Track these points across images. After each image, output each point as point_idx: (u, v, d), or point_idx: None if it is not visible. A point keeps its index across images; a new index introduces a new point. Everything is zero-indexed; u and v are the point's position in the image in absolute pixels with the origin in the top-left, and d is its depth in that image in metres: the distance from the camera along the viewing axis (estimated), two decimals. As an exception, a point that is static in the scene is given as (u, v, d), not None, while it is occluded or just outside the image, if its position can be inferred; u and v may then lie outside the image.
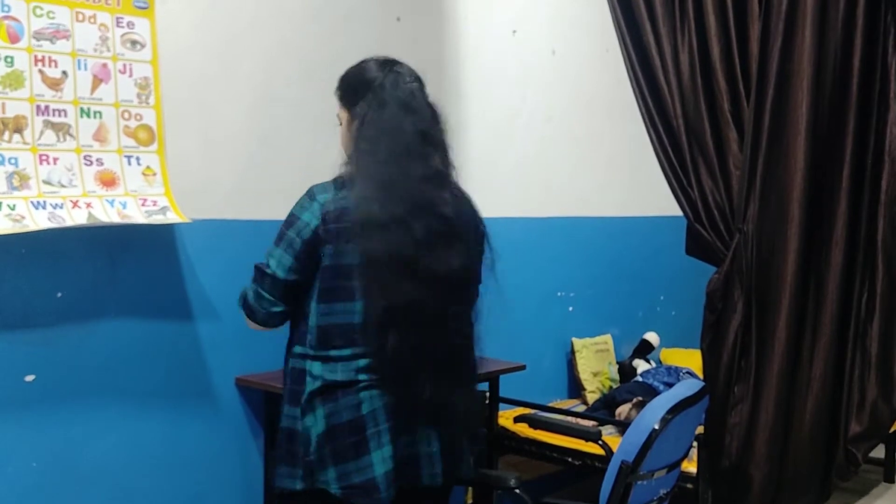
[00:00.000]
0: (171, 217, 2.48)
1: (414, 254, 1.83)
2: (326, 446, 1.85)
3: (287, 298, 1.95)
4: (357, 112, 1.96)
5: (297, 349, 1.94)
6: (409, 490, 1.91)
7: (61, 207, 2.30)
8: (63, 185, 2.33)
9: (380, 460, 1.83)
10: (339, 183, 1.94)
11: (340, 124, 2.06)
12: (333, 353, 1.87)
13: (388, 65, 2.01)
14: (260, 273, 1.96)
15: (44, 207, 2.28)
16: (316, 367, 1.89)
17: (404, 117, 1.91)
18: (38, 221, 2.24)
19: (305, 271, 1.91)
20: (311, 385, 1.88)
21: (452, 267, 1.87)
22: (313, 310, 1.90)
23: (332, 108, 3.03)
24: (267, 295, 1.94)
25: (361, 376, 1.86)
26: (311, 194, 1.95)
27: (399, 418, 1.86)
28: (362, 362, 1.86)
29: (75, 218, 2.30)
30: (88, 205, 2.35)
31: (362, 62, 2.04)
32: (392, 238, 1.82)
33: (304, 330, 1.92)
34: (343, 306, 1.87)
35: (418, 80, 2.02)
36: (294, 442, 1.91)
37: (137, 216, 2.40)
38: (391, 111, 1.91)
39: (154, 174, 2.51)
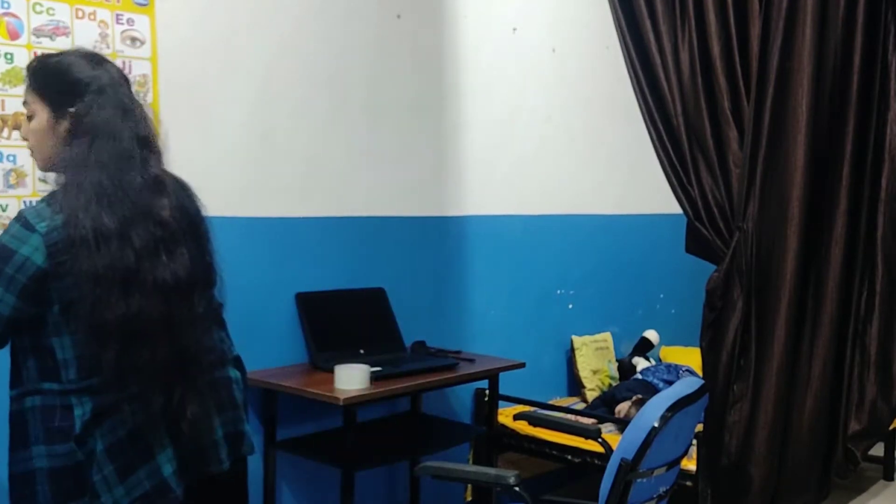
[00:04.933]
0: None
1: (134, 266, 1.71)
2: (109, 465, 1.77)
3: (5, 334, 1.78)
4: (67, 113, 1.79)
5: (52, 386, 1.76)
6: (201, 482, 1.89)
7: None
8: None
9: (166, 461, 1.81)
10: (53, 204, 1.74)
11: (30, 119, 1.85)
12: (97, 381, 1.75)
13: (100, 62, 1.85)
14: None
15: None
16: (84, 398, 1.76)
17: (122, 121, 1.78)
18: None
19: (32, 307, 1.73)
20: (82, 417, 1.75)
21: (178, 273, 1.78)
22: (60, 344, 1.75)
23: (333, 104, 3.07)
24: None
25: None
26: (25, 223, 1.72)
27: (168, 422, 1.81)
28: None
29: None
30: None
31: (66, 54, 1.87)
32: (107, 253, 1.69)
33: (52, 366, 1.76)
34: None
35: (127, 80, 1.88)
36: (69, 478, 1.77)
37: None
38: (108, 114, 1.77)
39: None
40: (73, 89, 1.79)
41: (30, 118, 1.85)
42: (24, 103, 1.86)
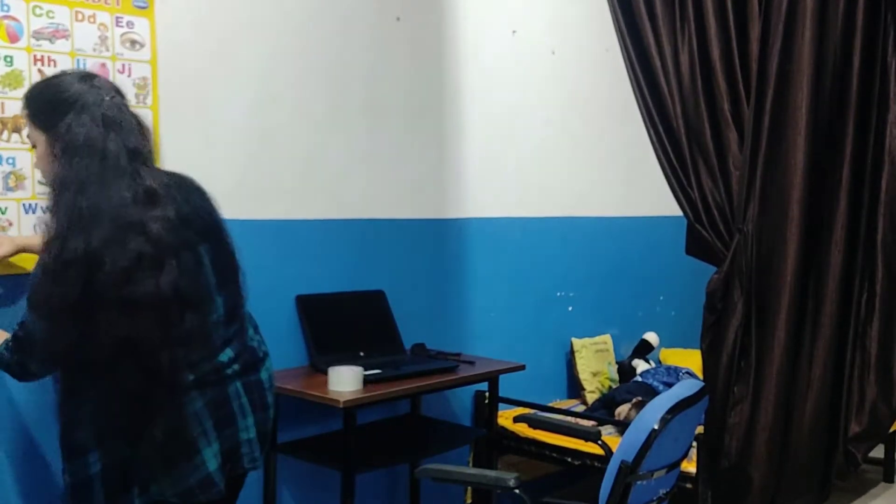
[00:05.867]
0: None
1: (111, 289, 1.70)
2: (156, 457, 1.84)
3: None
4: (59, 133, 1.78)
5: None
6: (232, 478, 2.00)
7: None
8: (57, 186, 2.35)
9: (211, 456, 1.89)
10: None
11: (34, 147, 1.88)
12: None
13: (88, 78, 1.86)
14: (27, 344, 1.82)
15: (34, 211, 2.30)
16: None
17: (107, 135, 1.77)
18: (22, 230, 2.28)
19: None
20: None
21: (164, 287, 1.74)
22: None
23: (333, 107, 3.08)
24: (36, 365, 1.85)
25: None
26: None
27: (220, 413, 1.91)
28: None
29: None
30: None
31: (57, 77, 1.91)
32: (77, 279, 1.68)
33: None
34: None
35: (120, 93, 1.89)
36: (127, 468, 1.86)
37: None
38: (87, 130, 1.76)
39: None
40: (58, 108, 1.79)
41: (34, 147, 1.87)
42: (28, 136, 1.90)
